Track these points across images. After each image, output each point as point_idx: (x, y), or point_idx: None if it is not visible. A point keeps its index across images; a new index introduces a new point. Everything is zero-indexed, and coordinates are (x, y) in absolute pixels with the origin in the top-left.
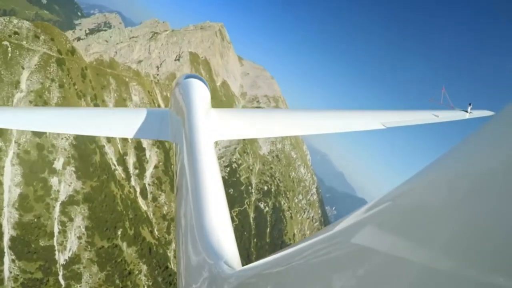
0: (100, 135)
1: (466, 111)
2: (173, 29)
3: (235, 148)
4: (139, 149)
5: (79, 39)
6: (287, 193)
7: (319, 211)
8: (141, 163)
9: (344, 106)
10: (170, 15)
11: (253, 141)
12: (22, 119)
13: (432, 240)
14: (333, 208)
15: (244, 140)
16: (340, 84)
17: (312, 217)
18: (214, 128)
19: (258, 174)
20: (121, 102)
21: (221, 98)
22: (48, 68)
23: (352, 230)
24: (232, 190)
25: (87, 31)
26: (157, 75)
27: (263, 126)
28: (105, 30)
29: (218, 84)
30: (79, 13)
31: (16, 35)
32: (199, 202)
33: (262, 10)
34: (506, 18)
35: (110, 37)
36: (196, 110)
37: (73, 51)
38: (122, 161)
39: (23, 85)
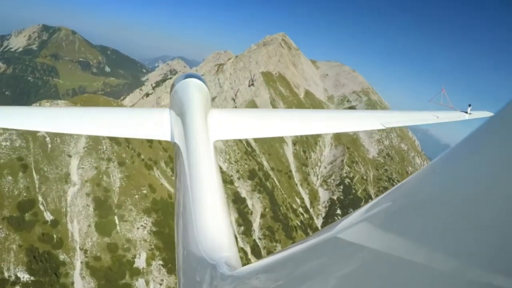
0: (100, 134)
1: (466, 112)
2: (236, 55)
3: (342, 160)
4: (238, 200)
5: (147, 94)
6: None
7: None
8: (244, 217)
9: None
10: (230, 43)
11: (358, 146)
12: (22, 119)
13: (432, 240)
14: None
15: (349, 148)
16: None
17: None
18: (214, 128)
19: (374, 182)
20: None
21: (309, 108)
22: (99, 147)
23: (353, 230)
24: (352, 210)
25: (153, 85)
26: (235, 107)
27: (263, 126)
28: (171, 78)
29: (301, 96)
30: (144, 70)
31: None
32: (198, 202)
33: (316, 5)
34: None
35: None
36: (196, 110)
37: None
38: None
39: (74, 177)
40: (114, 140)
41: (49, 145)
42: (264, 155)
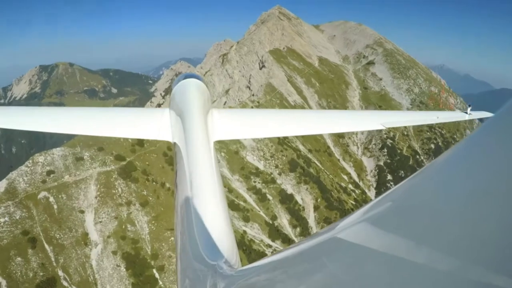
0: (99, 134)
1: (466, 112)
2: (238, 41)
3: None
4: (286, 198)
5: (159, 105)
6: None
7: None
8: (298, 216)
9: None
10: (227, 31)
11: (389, 102)
12: (22, 119)
13: (432, 240)
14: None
15: (380, 106)
16: None
17: None
18: (214, 128)
19: (417, 135)
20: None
21: (329, 77)
22: (113, 191)
23: (353, 230)
24: (402, 173)
25: (163, 93)
26: (253, 95)
27: (264, 126)
28: None
29: (316, 65)
30: (150, 81)
31: (52, 174)
32: (198, 202)
33: None
34: None
35: None
36: (195, 110)
37: (140, 143)
38: (275, 232)
39: (93, 236)
40: (128, 177)
41: (55, 206)
42: (298, 138)
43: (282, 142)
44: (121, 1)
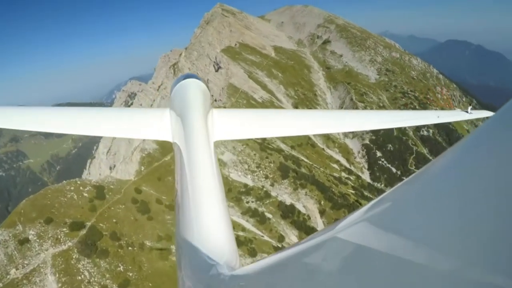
0: (99, 135)
1: (466, 111)
2: (185, 48)
3: (351, 98)
4: (288, 211)
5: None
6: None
7: None
8: (306, 229)
9: None
10: (172, 40)
11: (355, 76)
12: (22, 119)
13: (433, 240)
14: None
15: (349, 83)
16: None
17: None
18: (214, 128)
19: (392, 104)
20: None
21: (288, 64)
22: (78, 276)
23: (353, 230)
24: (391, 146)
25: None
26: (216, 100)
27: (264, 126)
28: (132, 103)
29: (273, 55)
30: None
31: None
32: (198, 202)
33: None
34: None
35: (140, 104)
36: (196, 110)
37: (99, 195)
38: None
39: None
40: (94, 252)
41: None
42: (278, 137)
43: (265, 147)
44: (61, 34)
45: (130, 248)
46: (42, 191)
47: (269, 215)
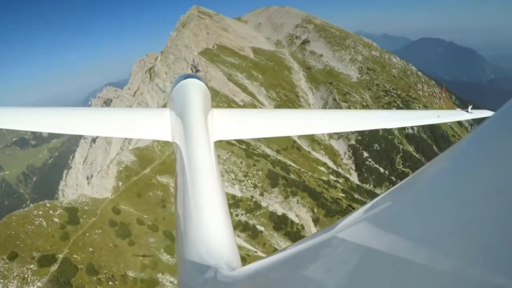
0: (99, 135)
1: (467, 111)
2: (161, 51)
3: (334, 98)
4: (280, 222)
5: (94, 140)
6: None
7: None
8: (300, 239)
9: None
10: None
11: (337, 76)
12: (22, 119)
13: (433, 240)
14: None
15: (331, 83)
16: None
17: None
18: (214, 128)
19: (376, 103)
20: None
21: (268, 65)
22: None
23: (353, 230)
24: (377, 146)
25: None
26: None
27: (264, 126)
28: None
29: (252, 56)
30: None
31: None
32: (198, 202)
33: None
34: None
35: None
36: (196, 110)
37: (72, 219)
38: None
39: None
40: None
41: None
42: (262, 142)
43: (250, 153)
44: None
45: (110, 282)
46: (5, 218)
47: (261, 228)
